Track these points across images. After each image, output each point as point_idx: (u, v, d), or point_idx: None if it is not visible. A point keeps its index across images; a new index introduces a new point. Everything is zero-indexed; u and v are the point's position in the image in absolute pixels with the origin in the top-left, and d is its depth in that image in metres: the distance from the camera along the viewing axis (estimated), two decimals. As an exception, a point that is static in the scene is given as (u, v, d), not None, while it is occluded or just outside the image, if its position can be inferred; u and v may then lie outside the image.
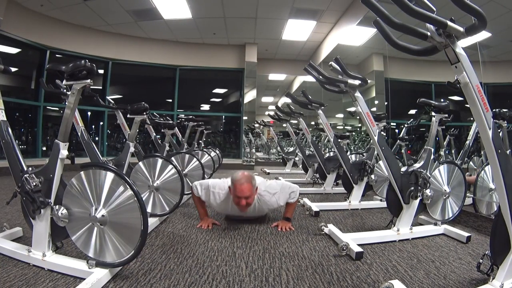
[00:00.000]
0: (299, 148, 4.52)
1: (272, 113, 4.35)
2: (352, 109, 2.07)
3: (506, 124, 2.17)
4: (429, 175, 1.88)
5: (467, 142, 2.85)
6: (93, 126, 7.10)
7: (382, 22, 1.08)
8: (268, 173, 5.58)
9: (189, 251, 1.62)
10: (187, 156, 3.01)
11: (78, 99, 1.32)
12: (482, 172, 2.27)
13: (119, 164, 2.07)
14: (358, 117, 3.20)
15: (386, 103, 4.79)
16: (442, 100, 1.98)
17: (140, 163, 2.22)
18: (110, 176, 1.28)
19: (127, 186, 1.26)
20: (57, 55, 6.02)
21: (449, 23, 1.03)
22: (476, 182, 2.25)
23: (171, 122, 3.00)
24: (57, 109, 6.30)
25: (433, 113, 1.96)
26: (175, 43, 7.21)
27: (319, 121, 3.03)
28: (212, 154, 4.26)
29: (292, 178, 4.34)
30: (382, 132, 2.70)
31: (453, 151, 3.35)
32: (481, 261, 1.24)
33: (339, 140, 2.95)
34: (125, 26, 6.26)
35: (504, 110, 2.14)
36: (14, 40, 5.23)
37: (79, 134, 2.10)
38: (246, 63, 7.37)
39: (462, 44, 1.09)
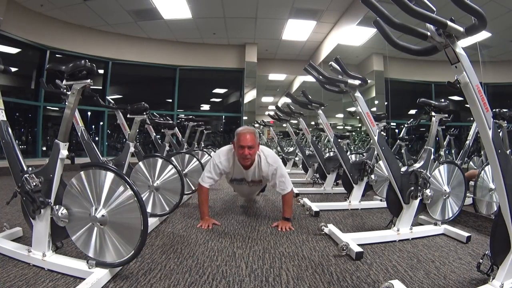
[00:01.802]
0: (299, 148, 4.51)
1: (272, 113, 4.35)
2: (352, 109, 2.07)
3: (506, 124, 2.17)
4: (429, 175, 1.88)
5: (467, 142, 2.85)
6: (93, 126, 7.11)
7: (382, 22, 1.08)
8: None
9: (189, 251, 1.62)
10: (187, 156, 3.01)
11: (78, 99, 1.32)
12: (482, 172, 2.27)
13: (119, 164, 2.07)
14: (358, 117, 3.20)
15: (386, 103, 4.80)
16: (442, 100, 1.98)
17: (140, 163, 2.22)
18: (110, 176, 1.28)
19: (127, 186, 1.25)
20: (57, 55, 6.03)
21: (449, 23, 1.03)
22: (476, 182, 2.25)
23: (171, 122, 3.00)
24: (57, 109, 6.30)
25: (433, 113, 1.95)
26: (175, 43, 7.21)
27: (319, 121, 3.02)
28: (212, 154, 4.26)
29: (292, 178, 4.31)
30: (382, 132, 2.69)
31: (453, 151, 3.35)
32: (481, 261, 1.24)
33: (339, 140, 2.95)
34: (125, 26, 6.27)
35: (504, 110, 2.14)
36: (14, 40, 5.24)
37: (79, 134, 2.11)
38: (246, 63, 7.37)
39: (462, 44, 1.09)
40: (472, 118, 1.79)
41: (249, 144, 2.00)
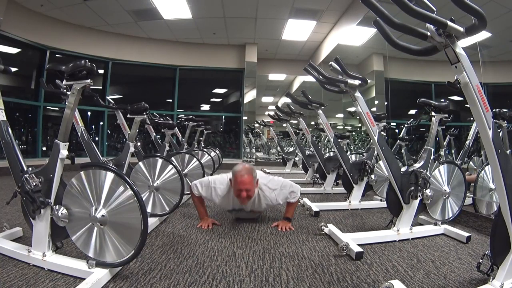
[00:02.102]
0: (299, 148, 4.51)
1: (272, 113, 4.35)
2: (352, 109, 2.07)
3: (506, 124, 2.17)
4: (429, 175, 1.88)
5: (467, 142, 2.84)
6: (93, 126, 7.10)
7: (382, 22, 1.08)
8: (268, 173, 5.56)
9: (189, 251, 1.62)
10: (187, 156, 3.01)
11: (78, 99, 1.32)
12: (482, 172, 2.27)
13: (119, 164, 2.07)
14: (358, 117, 3.20)
15: (386, 103, 4.79)
16: (442, 100, 1.98)
17: (140, 163, 2.22)
18: (110, 176, 1.28)
19: (127, 186, 1.25)
20: (57, 55, 6.02)
21: (449, 23, 1.03)
22: (476, 182, 2.25)
23: (171, 122, 3.00)
24: (57, 109, 6.29)
25: (433, 113, 1.95)
26: (175, 43, 7.21)
27: (319, 121, 3.03)
28: (212, 154, 4.26)
29: (292, 178, 4.31)
30: (382, 132, 2.69)
31: (453, 151, 3.35)
32: (481, 261, 1.24)
33: (339, 140, 2.95)
34: (125, 26, 6.26)
35: (504, 110, 2.14)
36: (14, 40, 5.24)
37: (79, 134, 2.10)
38: (246, 63, 7.37)
39: (462, 44, 1.09)
40: (472, 118, 1.79)
41: (246, 187, 1.90)
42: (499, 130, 1.71)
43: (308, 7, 5.33)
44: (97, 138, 6.91)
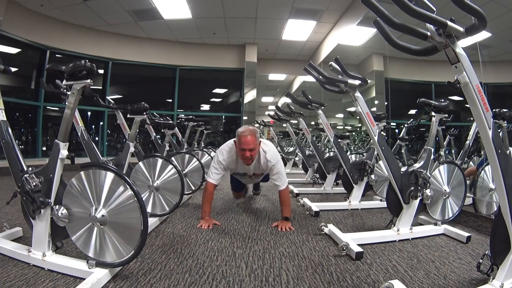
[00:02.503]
0: (299, 148, 4.51)
1: (272, 113, 4.35)
2: (352, 109, 2.07)
3: (506, 124, 2.17)
4: (429, 175, 1.88)
5: (467, 142, 2.84)
6: (93, 126, 7.10)
7: (382, 22, 1.08)
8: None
9: (189, 251, 1.62)
10: (187, 156, 3.01)
11: (78, 99, 1.32)
12: (482, 172, 2.27)
13: (119, 164, 2.06)
14: (358, 117, 3.20)
15: (386, 103, 4.79)
16: (442, 100, 1.98)
17: (140, 163, 2.22)
18: (110, 176, 1.28)
19: (127, 186, 1.25)
20: (57, 55, 6.03)
21: (449, 23, 1.03)
22: (476, 182, 2.25)
23: (171, 122, 3.00)
24: (57, 109, 6.30)
25: (433, 113, 1.95)
26: (175, 43, 7.21)
27: (319, 121, 3.02)
28: (212, 154, 4.26)
29: (292, 178, 4.33)
30: (382, 132, 2.69)
31: (453, 151, 3.35)
32: (481, 261, 1.24)
33: (339, 140, 2.95)
34: (125, 26, 6.27)
35: (504, 110, 2.14)
36: (14, 40, 5.24)
37: (79, 134, 2.11)
38: (246, 63, 7.37)
39: (462, 44, 1.09)
40: (472, 118, 1.79)
41: (250, 147, 2.03)
42: (499, 130, 1.70)
43: (308, 7, 5.33)
44: (97, 138, 6.92)
